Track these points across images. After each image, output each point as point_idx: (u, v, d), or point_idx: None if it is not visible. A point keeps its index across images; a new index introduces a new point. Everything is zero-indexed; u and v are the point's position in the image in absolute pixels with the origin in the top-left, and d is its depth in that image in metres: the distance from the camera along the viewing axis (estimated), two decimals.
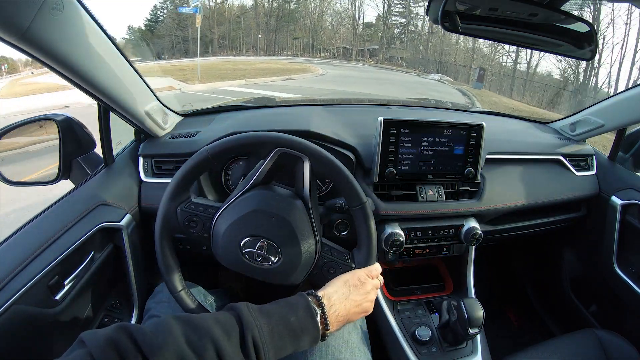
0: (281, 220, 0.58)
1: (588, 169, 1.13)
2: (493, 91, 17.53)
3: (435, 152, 0.87)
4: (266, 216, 0.58)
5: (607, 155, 1.15)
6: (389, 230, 0.85)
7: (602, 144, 2.34)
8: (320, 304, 0.51)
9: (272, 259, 0.58)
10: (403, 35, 28.55)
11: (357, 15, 28.91)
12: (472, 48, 23.34)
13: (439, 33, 24.86)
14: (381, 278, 0.63)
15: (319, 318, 0.50)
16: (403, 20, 28.20)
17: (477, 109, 1.60)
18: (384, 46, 28.49)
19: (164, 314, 0.68)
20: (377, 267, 0.62)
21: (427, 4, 0.56)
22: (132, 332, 0.38)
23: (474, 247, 0.99)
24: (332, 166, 0.59)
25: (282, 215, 0.58)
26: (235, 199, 0.60)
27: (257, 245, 0.58)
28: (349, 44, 28.31)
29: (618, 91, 1.03)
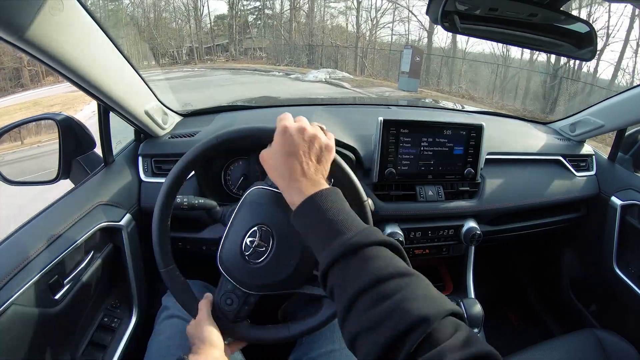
0: (278, 210, 0.57)
1: (588, 170, 1.13)
2: (443, 88, 11.94)
3: (435, 152, 0.87)
4: (260, 207, 0.58)
5: (607, 155, 1.15)
6: (388, 230, 0.85)
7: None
8: None
9: (265, 245, 0.56)
10: (259, 21, 21.49)
11: (199, 6, 20.70)
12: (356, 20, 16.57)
13: (304, 8, 18.71)
14: None
15: None
16: (257, 3, 21.00)
17: (477, 109, 1.60)
18: (236, 37, 21.16)
19: (169, 330, 0.67)
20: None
21: (427, 4, 0.56)
22: None
23: (473, 248, 0.99)
24: (339, 166, 0.58)
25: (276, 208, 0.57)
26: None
27: (257, 235, 0.57)
28: (196, 42, 21.27)
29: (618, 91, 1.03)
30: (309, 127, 0.51)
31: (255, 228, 0.57)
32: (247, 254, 0.56)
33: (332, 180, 0.59)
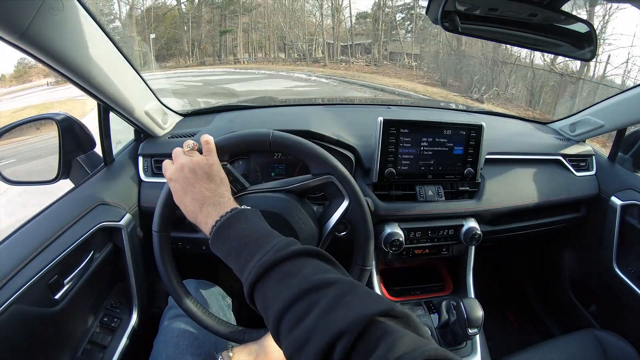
0: (293, 232, 0.57)
1: (588, 170, 1.13)
2: None
3: (435, 152, 0.87)
4: (282, 224, 0.56)
5: (607, 155, 1.15)
6: (388, 230, 0.85)
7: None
8: None
9: None
10: (409, 23, 16.39)
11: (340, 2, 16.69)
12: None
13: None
14: None
15: None
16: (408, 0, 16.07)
17: (477, 109, 1.60)
18: (382, 38, 16.33)
19: (177, 328, 0.68)
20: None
21: (427, 4, 0.56)
22: None
23: (473, 248, 0.99)
24: (361, 207, 0.58)
25: (296, 230, 0.57)
26: (265, 191, 0.59)
27: None
28: (331, 39, 17.15)
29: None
30: (184, 157, 0.52)
31: None
32: None
33: None
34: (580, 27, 0.60)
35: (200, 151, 0.54)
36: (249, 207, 0.48)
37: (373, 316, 0.31)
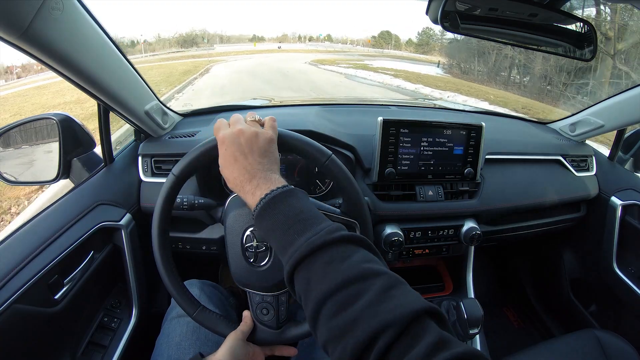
0: None
1: (588, 170, 1.13)
2: None
3: (435, 152, 0.87)
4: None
5: (607, 155, 1.15)
6: (388, 230, 0.85)
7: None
8: None
9: (265, 244, 0.56)
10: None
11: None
12: None
13: None
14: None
15: None
16: None
17: (477, 109, 1.60)
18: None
19: (180, 329, 0.67)
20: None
21: (427, 3, 0.56)
22: None
23: (473, 248, 0.99)
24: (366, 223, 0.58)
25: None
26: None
27: (252, 239, 0.57)
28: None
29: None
30: (244, 125, 0.49)
31: (248, 232, 0.57)
32: (251, 260, 0.57)
33: (331, 182, 0.58)
34: (581, 27, 0.60)
35: (262, 125, 0.52)
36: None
37: (418, 313, 0.31)
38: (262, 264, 0.57)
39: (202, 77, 13.65)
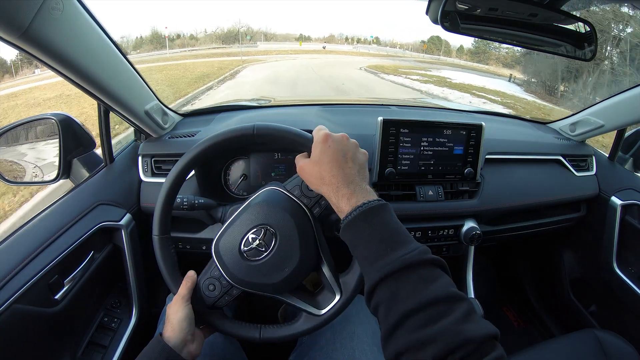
0: (286, 217, 0.56)
1: (588, 169, 1.13)
2: None
3: (435, 152, 0.87)
4: (272, 207, 0.56)
5: (607, 155, 1.15)
6: None
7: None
8: None
9: (266, 246, 0.55)
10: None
11: None
12: None
13: None
14: None
15: None
16: None
17: (477, 109, 1.60)
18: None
19: None
20: None
21: (427, 3, 0.56)
22: None
23: (473, 247, 0.99)
24: None
25: (288, 213, 0.56)
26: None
27: (261, 234, 0.55)
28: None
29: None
30: (346, 135, 0.54)
31: (262, 227, 0.55)
32: (245, 249, 0.55)
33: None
34: (581, 27, 0.60)
35: None
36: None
37: (492, 336, 0.36)
38: (253, 259, 0.55)
39: (220, 85, 10.54)
